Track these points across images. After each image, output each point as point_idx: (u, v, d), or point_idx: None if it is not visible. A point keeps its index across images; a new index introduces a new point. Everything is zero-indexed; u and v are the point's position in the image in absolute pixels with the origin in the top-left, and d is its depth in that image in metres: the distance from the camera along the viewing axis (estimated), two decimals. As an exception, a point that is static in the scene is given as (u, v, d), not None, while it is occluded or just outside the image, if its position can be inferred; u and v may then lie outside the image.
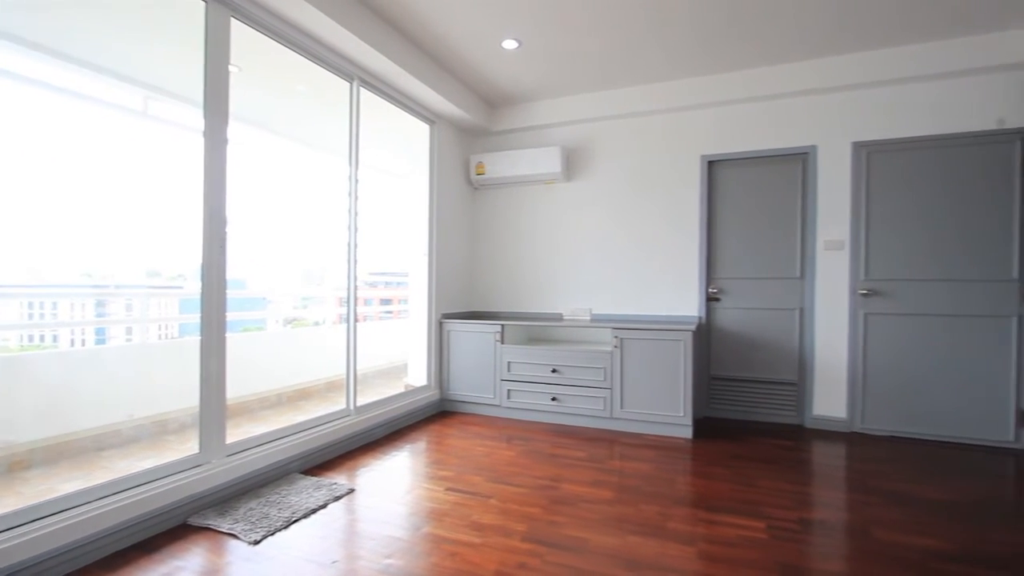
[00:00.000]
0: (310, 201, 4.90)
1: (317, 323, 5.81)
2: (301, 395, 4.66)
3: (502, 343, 3.85)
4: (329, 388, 4.86)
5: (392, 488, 2.54)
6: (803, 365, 3.63)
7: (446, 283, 4.20)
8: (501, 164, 4.29)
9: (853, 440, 3.34)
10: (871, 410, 3.45)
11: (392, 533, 2.07)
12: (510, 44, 3.29)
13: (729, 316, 3.83)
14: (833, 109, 3.54)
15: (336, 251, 3.36)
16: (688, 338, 3.32)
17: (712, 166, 3.87)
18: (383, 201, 5.02)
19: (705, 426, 3.64)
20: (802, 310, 3.63)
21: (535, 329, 4.28)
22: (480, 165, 4.36)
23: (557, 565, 1.83)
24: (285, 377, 4.54)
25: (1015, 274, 3.15)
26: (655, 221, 4.00)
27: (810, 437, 3.40)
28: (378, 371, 5.48)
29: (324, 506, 2.32)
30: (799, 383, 3.65)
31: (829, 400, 3.56)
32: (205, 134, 2.29)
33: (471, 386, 3.98)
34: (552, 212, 4.35)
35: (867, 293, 3.44)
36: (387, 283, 7.44)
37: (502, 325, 3.87)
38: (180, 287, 4.37)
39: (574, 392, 3.63)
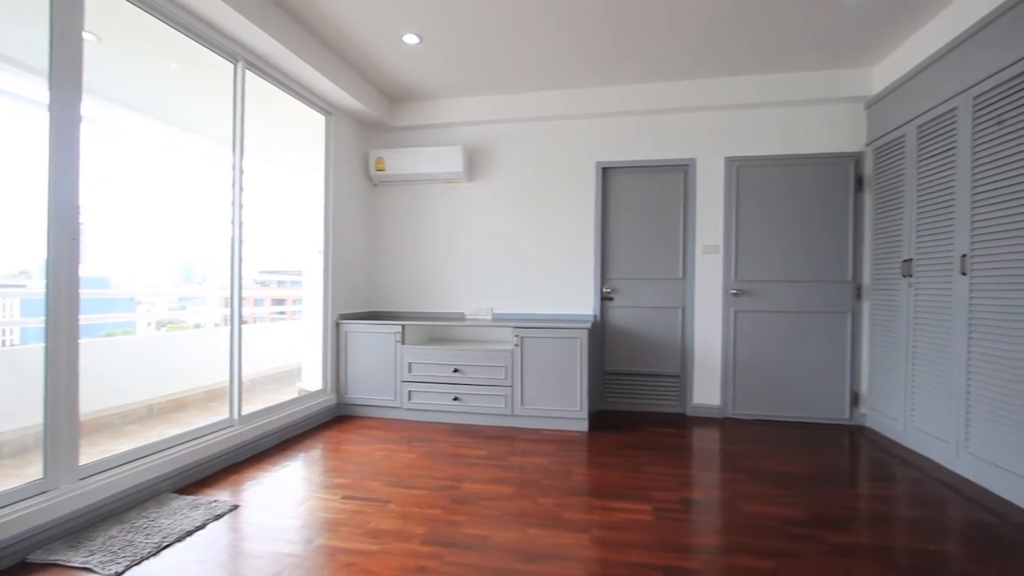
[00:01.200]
0: (192, 192, 4.44)
1: (198, 326, 5.28)
2: (176, 406, 4.21)
3: (403, 344, 3.78)
4: (210, 397, 4.44)
5: (282, 501, 2.39)
6: (684, 358, 3.97)
7: (344, 282, 4.03)
8: (402, 161, 4.20)
9: (726, 425, 3.71)
10: (740, 397, 3.86)
11: (281, 549, 1.95)
12: (411, 38, 3.23)
13: (621, 314, 4.08)
14: (708, 126, 3.91)
15: (220, 247, 3.08)
16: (584, 336, 3.49)
17: (606, 172, 4.10)
18: (279, 195, 4.69)
19: (600, 419, 3.85)
20: (684, 308, 3.97)
21: (437, 329, 4.25)
22: (380, 161, 4.24)
23: (457, 565, 1.84)
24: (157, 387, 4.08)
25: (850, 276, 3.70)
26: (554, 224, 4.16)
27: (691, 424, 3.73)
28: (270, 376, 5.11)
29: (202, 526, 2.11)
30: (681, 375, 3.99)
31: (706, 389, 3.93)
32: (51, 108, 1.99)
33: (370, 389, 3.85)
34: (454, 212, 4.34)
35: (737, 293, 3.85)
36: (280, 282, 6.96)
37: (403, 325, 3.79)
38: (23, 286, 3.74)
39: (476, 391, 3.66)
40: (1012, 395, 2.38)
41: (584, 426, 3.53)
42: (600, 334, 4.11)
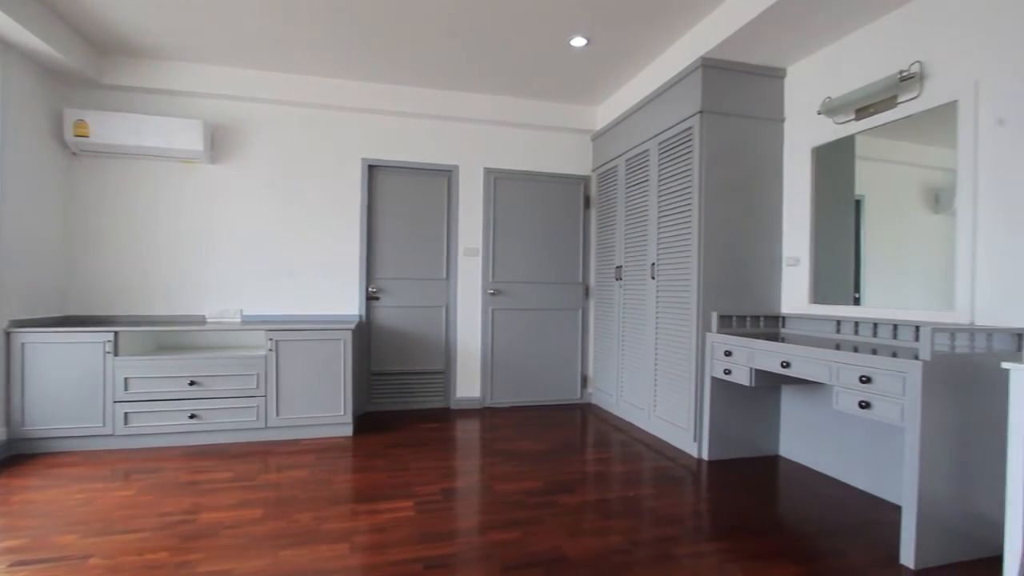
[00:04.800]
0: None
1: None
2: None
3: (115, 355, 3.05)
4: None
5: (-102, 589, 1.68)
6: (448, 355, 4.18)
7: (19, 278, 3.04)
8: (117, 129, 3.38)
9: (485, 414, 4.04)
10: (497, 388, 4.26)
11: None
12: (129, -18, 2.63)
13: (388, 314, 4.07)
14: (470, 136, 4.20)
15: None
16: (348, 336, 3.37)
17: (373, 170, 4.03)
18: None
19: (366, 421, 3.77)
20: (448, 307, 4.18)
21: (168, 335, 3.56)
22: (81, 124, 3.33)
23: (188, 611, 1.57)
24: None
25: (580, 279, 4.43)
26: (317, 218, 3.90)
27: (454, 417, 3.94)
28: None
29: None
30: (445, 371, 4.19)
31: (468, 383, 4.21)
32: None
33: (64, 416, 3.00)
34: (194, 197, 3.70)
35: (494, 292, 4.23)
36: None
37: (115, 332, 3.06)
38: None
39: (220, 405, 3.19)
40: (678, 369, 3.18)
41: (349, 430, 3.41)
42: (366, 334, 4.03)
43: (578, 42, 3.20)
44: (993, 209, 2.08)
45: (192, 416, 3.14)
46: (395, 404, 4.11)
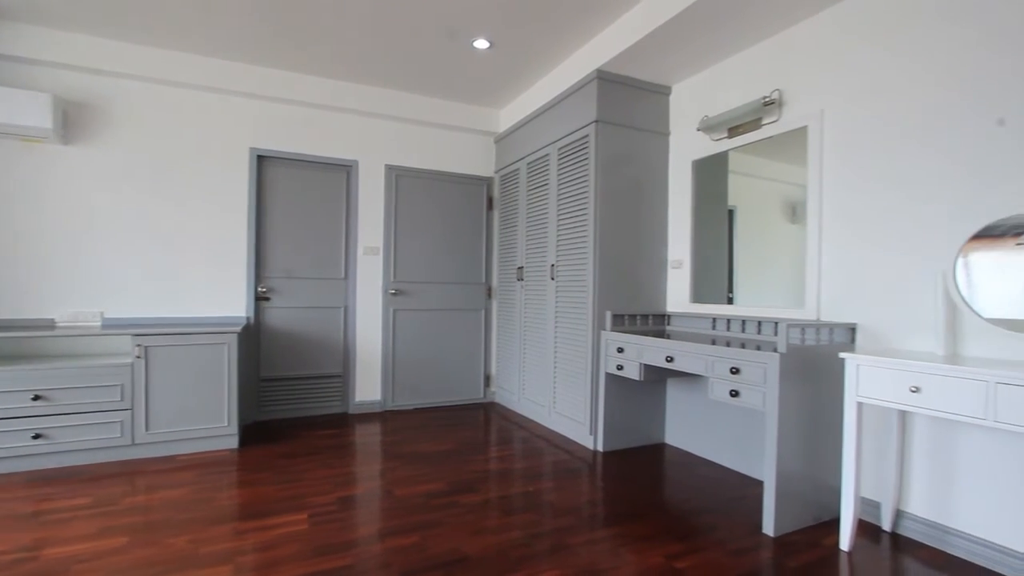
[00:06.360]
0: None
1: None
2: None
3: (-69, 369, 2.55)
4: None
5: None
6: (347, 357, 4.01)
7: None
8: (-68, 98, 2.83)
9: (386, 417, 3.93)
10: (399, 389, 4.16)
11: None
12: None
13: (280, 315, 3.81)
14: (371, 131, 4.06)
15: None
16: (233, 340, 3.11)
17: (263, 161, 3.75)
18: None
19: (255, 431, 3.50)
20: (346, 308, 4.01)
21: (5, 343, 3.04)
22: None
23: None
24: None
25: (483, 279, 4.47)
26: (196, 212, 3.55)
27: (353, 422, 3.79)
28: None
29: None
30: (344, 374, 4.01)
31: (368, 386, 4.07)
32: None
33: None
34: (40, 181, 3.20)
35: (395, 292, 4.13)
36: None
37: (-69, 342, 2.56)
38: None
39: (74, 422, 2.79)
40: (576, 366, 3.33)
41: (234, 442, 3.15)
42: (255, 337, 3.74)
43: (481, 44, 3.22)
44: (835, 220, 2.42)
45: (36, 436, 2.71)
46: (288, 411, 3.86)
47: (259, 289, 3.74)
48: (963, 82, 1.99)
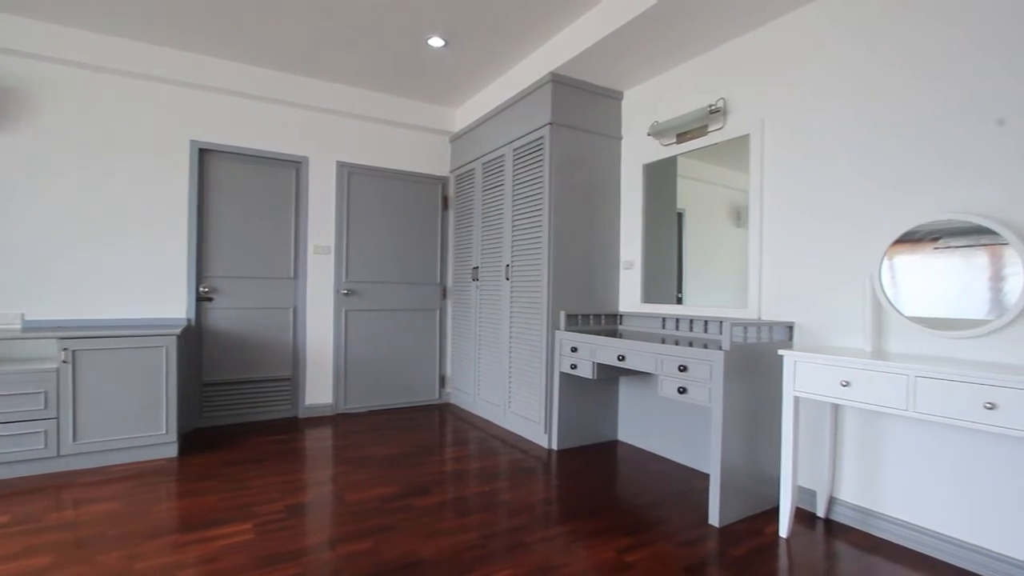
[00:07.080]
0: None
1: None
2: None
3: None
4: None
5: None
6: (297, 360, 3.88)
7: None
8: None
9: (338, 420, 3.83)
10: (351, 392, 4.07)
11: None
12: None
13: (224, 316, 3.65)
14: (322, 127, 3.94)
15: None
16: (172, 343, 2.95)
17: (205, 155, 3.58)
18: None
19: (196, 439, 3.34)
20: (295, 308, 3.88)
21: (-94, 349, 2.77)
22: None
23: None
24: None
25: (438, 279, 4.43)
26: (131, 207, 3.34)
27: (303, 426, 3.67)
28: None
29: None
30: (293, 377, 3.88)
31: (319, 389, 3.96)
32: None
33: None
34: (-53, 173, 2.92)
35: (347, 292, 4.03)
36: None
37: None
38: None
39: (-11, 434, 2.57)
40: (530, 366, 3.36)
41: (173, 450, 2.99)
42: (196, 340, 3.56)
43: (436, 42, 3.19)
44: (774, 225, 2.55)
45: (-55, 450, 2.48)
46: (233, 417, 3.70)
47: (201, 289, 3.56)
48: (890, 100, 2.14)
